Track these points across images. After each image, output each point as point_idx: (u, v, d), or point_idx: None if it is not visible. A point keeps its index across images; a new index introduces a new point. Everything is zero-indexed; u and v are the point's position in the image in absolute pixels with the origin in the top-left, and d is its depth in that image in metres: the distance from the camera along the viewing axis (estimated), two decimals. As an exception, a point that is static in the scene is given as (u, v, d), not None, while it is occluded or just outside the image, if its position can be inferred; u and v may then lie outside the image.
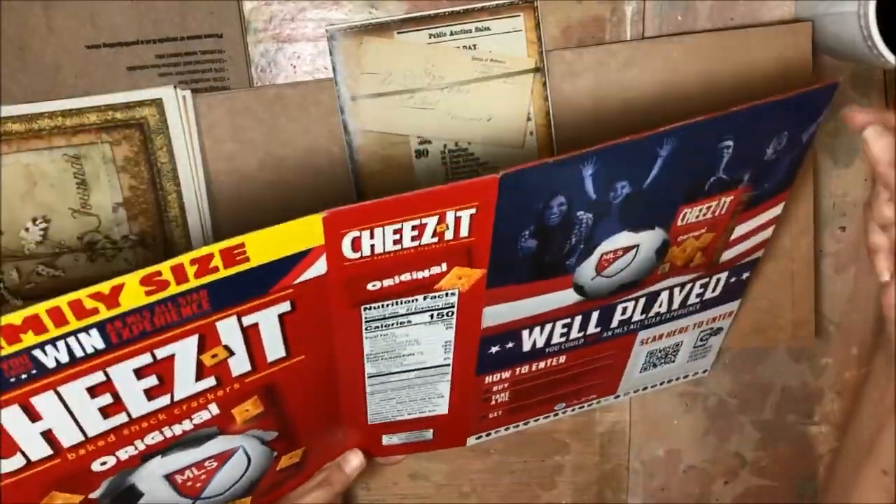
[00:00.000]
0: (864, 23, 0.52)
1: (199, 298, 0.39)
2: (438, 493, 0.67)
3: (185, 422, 0.44)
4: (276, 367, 0.45)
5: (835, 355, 0.66)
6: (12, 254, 0.62)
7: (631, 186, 0.45)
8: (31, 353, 0.36)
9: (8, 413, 0.38)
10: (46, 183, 0.61)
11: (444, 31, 0.58)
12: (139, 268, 0.37)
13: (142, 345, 0.39)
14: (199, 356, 0.41)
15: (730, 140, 0.46)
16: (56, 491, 0.43)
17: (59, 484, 0.43)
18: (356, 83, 0.59)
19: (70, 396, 0.39)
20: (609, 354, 0.58)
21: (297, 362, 0.46)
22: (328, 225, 0.40)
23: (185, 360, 0.41)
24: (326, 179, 0.61)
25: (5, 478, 0.40)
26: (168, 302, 0.38)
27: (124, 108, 0.60)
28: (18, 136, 0.60)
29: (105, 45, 0.60)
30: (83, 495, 0.44)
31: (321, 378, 0.49)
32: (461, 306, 0.47)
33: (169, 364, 0.41)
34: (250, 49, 0.60)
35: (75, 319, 0.36)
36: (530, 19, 0.58)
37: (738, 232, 0.53)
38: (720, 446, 0.68)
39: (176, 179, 0.61)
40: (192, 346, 0.41)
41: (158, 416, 0.43)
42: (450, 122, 0.59)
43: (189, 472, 0.48)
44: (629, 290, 0.53)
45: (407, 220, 0.41)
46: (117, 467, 0.44)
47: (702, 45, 0.59)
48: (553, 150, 0.60)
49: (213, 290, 0.39)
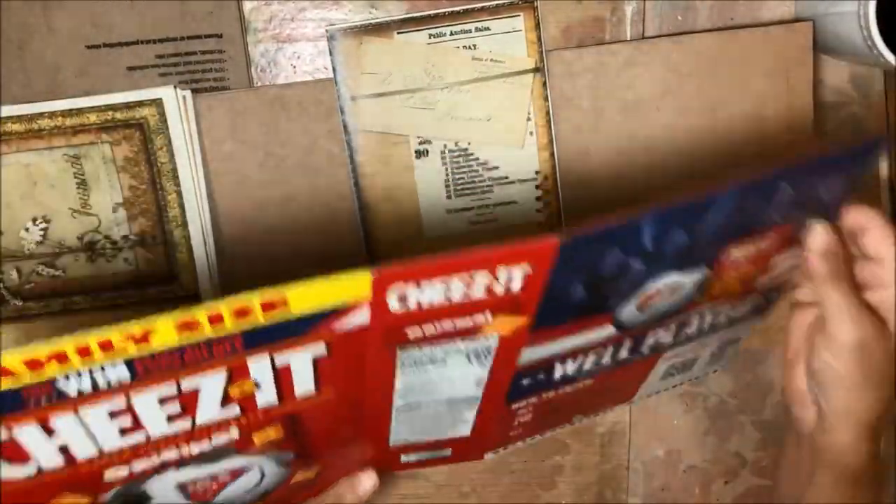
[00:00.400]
0: (864, 23, 0.52)
1: (232, 340, 0.38)
2: (438, 493, 0.67)
3: (205, 442, 0.44)
4: (302, 402, 0.45)
5: (835, 355, 0.66)
6: (12, 254, 0.62)
7: (687, 235, 0.44)
8: (54, 383, 0.36)
9: (24, 429, 0.38)
10: (46, 183, 0.61)
11: (444, 31, 0.58)
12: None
13: (169, 377, 0.39)
14: (226, 387, 0.41)
15: (786, 185, 0.45)
16: (67, 491, 0.43)
17: (70, 487, 0.43)
18: (356, 83, 0.59)
19: (89, 418, 0.39)
20: (634, 372, 0.58)
21: (325, 398, 0.45)
22: (377, 282, 0.39)
23: (210, 392, 0.41)
24: (326, 179, 0.61)
25: (19, 483, 0.40)
26: (201, 343, 0.38)
27: (124, 108, 0.60)
28: (18, 136, 0.60)
29: (105, 45, 0.60)
30: (92, 498, 0.44)
31: (346, 409, 0.48)
32: (500, 349, 0.47)
33: (194, 395, 0.41)
34: (250, 49, 0.60)
35: (103, 355, 0.36)
36: (530, 19, 0.58)
37: (776, 261, 0.52)
38: (720, 446, 0.68)
39: (176, 179, 0.61)
40: (219, 380, 0.40)
41: (178, 437, 0.43)
42: (450, 122, 0.59)
43: (202, 484, 0.48)
44: (665, 320, 0.53)
45: (457, 275, 0.40)
46: (130, 478, 0.44)
47: (702, 45, 0.59)
48: (553, 151, 0.60)
49: (248, 335, 0.39)
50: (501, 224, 0.62)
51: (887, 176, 0.63)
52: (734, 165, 0.60)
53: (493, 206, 0.61)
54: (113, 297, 0.63)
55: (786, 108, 0.59)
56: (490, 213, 0.61)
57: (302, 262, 0.62)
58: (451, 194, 0.61)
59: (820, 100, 0.61)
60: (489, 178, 0.61)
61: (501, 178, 0.61)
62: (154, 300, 0.63)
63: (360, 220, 0.61)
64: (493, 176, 0.61)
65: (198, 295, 0.63)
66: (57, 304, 0.63)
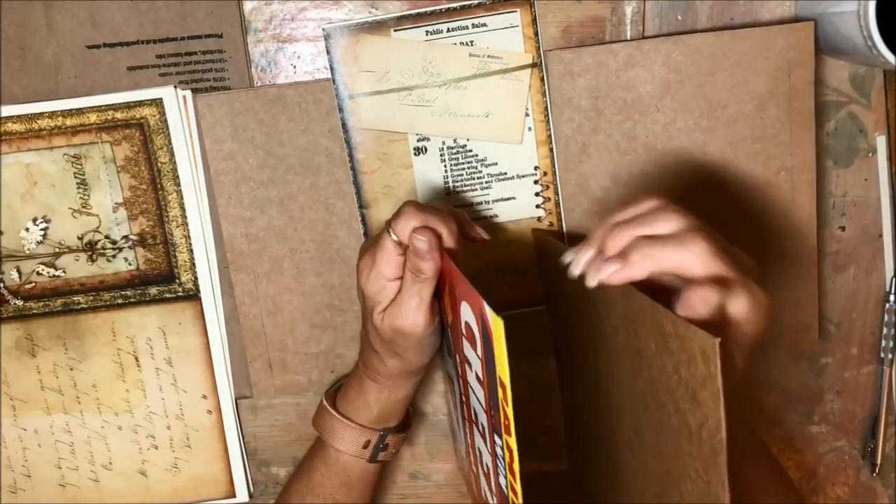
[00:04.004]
0: (864, 22, 0.52)
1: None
2: (438, 493, 0.67)
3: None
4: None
5: (835, 355, 0.66)
6: (12, 253, 0.62)
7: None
8: None
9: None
10: (47, 183, 0.61)
11: (441, 27, 0.58)
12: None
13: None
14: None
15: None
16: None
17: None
18: (354, 81, 0.59)
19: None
20: None
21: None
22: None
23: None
24: (326, 178, 0.61)
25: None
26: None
27: (124, 108, 0.60)
28: (19, 135, 0.60)
29: (105, 45, 0.60)
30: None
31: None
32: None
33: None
34: (250, 49, 0.60)
35: None
36: (527, 15, 0.58)
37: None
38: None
39: (176, 179, 0.61)
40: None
41: None
42: (448, 118, 0.59)
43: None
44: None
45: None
46: None
47: (702, 45, 0.59)
48: (552, 146, 0.60)
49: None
50: (501, 220, 0.62)
51: (888, 176, 0.63)
52: (734, 165, 0.60)
53: (492, 201, 0.61)
54: (113, 296, 0.63)
55: (786, 109, 0.59)
56: (489, 209, 0.61)
57: (301, 261, 0.62)
58: (451, 190, 0.61)
59: (819, 99, 0.61)
60: (488, 174, 0.61)
61: (500, 174, 0.61)
62: (154, 300, 0.63)
63: (360, 217, 0.61)
64: (491, 172, 0.61)
65: (198, 295, 0.63)
66: (57, 303, 0.63)
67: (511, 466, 0.43)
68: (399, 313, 0.50)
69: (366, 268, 0.51)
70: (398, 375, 0.55)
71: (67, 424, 0.65)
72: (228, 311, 0.63)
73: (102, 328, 0.63)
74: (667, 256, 0.41)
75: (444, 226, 0.49)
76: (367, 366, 0.56)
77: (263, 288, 0.63)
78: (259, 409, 0.66)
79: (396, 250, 0.50)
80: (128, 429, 0.65)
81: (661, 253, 0.42)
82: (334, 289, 0.63)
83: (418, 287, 0.49)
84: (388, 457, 0.59)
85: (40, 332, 0.63)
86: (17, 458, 0.65)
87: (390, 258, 0.50)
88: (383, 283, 0.51)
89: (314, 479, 0.59)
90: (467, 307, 0.45)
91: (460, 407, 0.56)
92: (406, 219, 0.49)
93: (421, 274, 0.49)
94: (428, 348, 0.53)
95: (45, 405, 0.64)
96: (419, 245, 0.48)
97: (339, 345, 0.64)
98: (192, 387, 0.64)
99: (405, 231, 0.49)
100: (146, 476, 0.66)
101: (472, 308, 0.43)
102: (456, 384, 0.56)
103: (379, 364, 0.55)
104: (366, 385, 0.57)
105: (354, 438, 0.57)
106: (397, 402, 0.57)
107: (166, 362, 0.64)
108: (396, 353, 0.53)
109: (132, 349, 0.64)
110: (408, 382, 0.57)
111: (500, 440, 0.44)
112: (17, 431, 0.65)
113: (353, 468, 0.58)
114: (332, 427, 0.58)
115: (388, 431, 0.58)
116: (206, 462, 0.66)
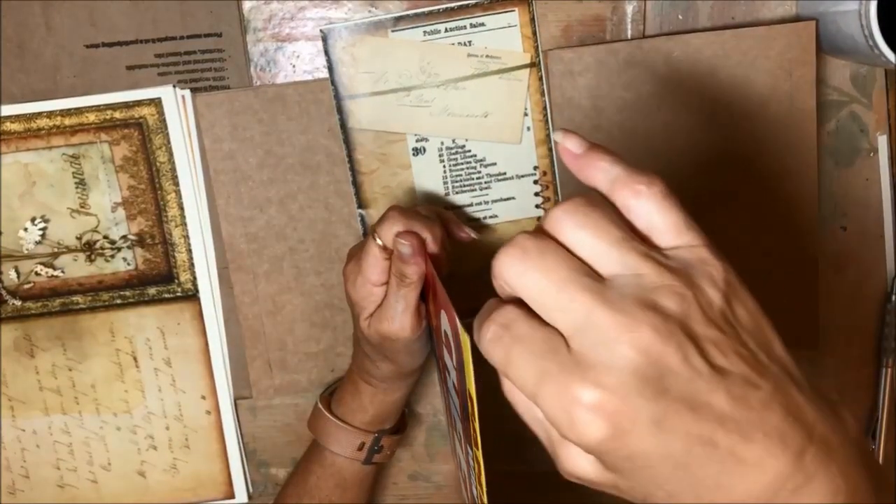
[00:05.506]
0: (866, 22, 0.52)
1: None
2: (438, 494, 0.67)
3: None
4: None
5: (835, 355, 0.66)
6: (11, 253, 0.62)
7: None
8: None
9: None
10: (45, 182, 0.61)
11: (439, 27, 0.58)
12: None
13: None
14: None
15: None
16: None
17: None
18: (352, 82, 0.59)
19: None
20: None
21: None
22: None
23: None
24: (325, 178, 0.61)
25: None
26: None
27: (123, 108, 0.60)
28: (17, 135, 0.60)
29: (104, 45, 0.60)
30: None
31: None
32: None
33: None
34: (250, 48, 0.60)
35: None
36: (525, 14, 0.58)
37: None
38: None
39: (175, 179, 0.61)
40: None
41: None
42: (446, 119, 0.59)
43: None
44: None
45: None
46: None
47: (703, 45, 0.59)
48: (551, 147, 0.60)
49: None
50: (501, 220, 0.61)
51: (889, 176, 0.63)
52: (734, 165, 0.60)
53: (491, 202, 0.61)
54: (112, 296, 0.62)
55: (787, 108, 0.59)
56: (489, 209, 0.61)
57: (301, 261, 0.62)
58: (450, 191, 0.61)
59: (821, 99, 0.61)
60: (487, 174, 0.61)
61: (499, 174, 0.61)
62: (153, 300, 0.63)
63: (359, 218, 0.61)
64: (490, 172, 0.61)
65: (197, 295, 0.63)
66: (55, 303, 0.63)
67: (479, 479, 0.43)
68: (385, 318, 0.50)
69: (352, 273, 0.52)
70: (391, 378, 0.55)
71: (66, 425, 0.65)
72: (227, 311, 0.63)
73: (101, 328, 0.63)
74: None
75: (427, 230, 0.49)
76: (360, 369, 0.56)
77: (263, 287, 0.62)
78: (258, 409, 0.66)
79: (382, 255, 0.50)
80: (126, 429, 0.65)
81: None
82: (334, 288, 0.63)
83: (404, 292, 0.49)
84: (382, 459, 0.59)
85: (39, 333, 0.63)
86: (15, 459, 0.65)
87: (375, 263, 0.50)
88: (369, 288, 0.51)
89: (310, 481, 0.59)
90: (444, 316, 0.45)
91: (447, 410, 0.56)
92: (390, 223, 0.49)
93: (405, 278, 0.49)
94: (418, 352, 0.54)
95: (44, 406, 0.64)
96: (402, 249, 0.48)
97: (338, 344, 0.64)
98: (191, 387, 0.64)
99: (389, 235, 0.49)
100: (145, 477, 0.66)
101: (448, 318, 0.43)
102: (441, 387, 0.56)
103: (371, 367, 0.55)
104: (360, 387, 0.57)
105: (349, 441, 0.57)
106: (392, 403, 0.57)
107: (165, 363, 0.64)
108: (387, 357, 0.53)
109: (131, 349, 0.64)
110: (402, 384, 0.57)
111: (472, 451, 0.44)
112: (15, 432, 0.65)
113: (347, 470, 0.58)
114: (327, 429, 0.58)
115: (382, 433, 0.58)
116: (204, 463, 0.66)
